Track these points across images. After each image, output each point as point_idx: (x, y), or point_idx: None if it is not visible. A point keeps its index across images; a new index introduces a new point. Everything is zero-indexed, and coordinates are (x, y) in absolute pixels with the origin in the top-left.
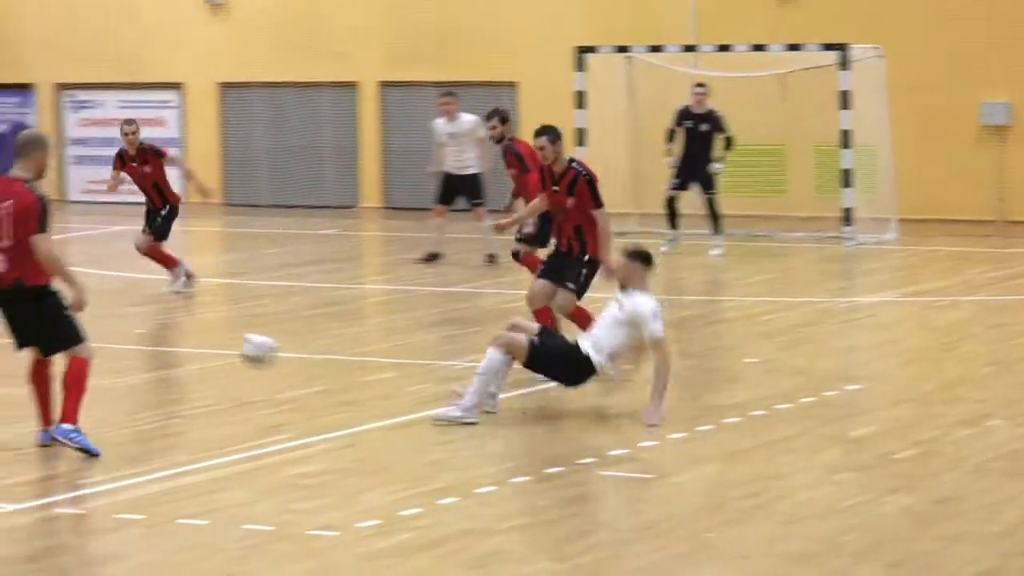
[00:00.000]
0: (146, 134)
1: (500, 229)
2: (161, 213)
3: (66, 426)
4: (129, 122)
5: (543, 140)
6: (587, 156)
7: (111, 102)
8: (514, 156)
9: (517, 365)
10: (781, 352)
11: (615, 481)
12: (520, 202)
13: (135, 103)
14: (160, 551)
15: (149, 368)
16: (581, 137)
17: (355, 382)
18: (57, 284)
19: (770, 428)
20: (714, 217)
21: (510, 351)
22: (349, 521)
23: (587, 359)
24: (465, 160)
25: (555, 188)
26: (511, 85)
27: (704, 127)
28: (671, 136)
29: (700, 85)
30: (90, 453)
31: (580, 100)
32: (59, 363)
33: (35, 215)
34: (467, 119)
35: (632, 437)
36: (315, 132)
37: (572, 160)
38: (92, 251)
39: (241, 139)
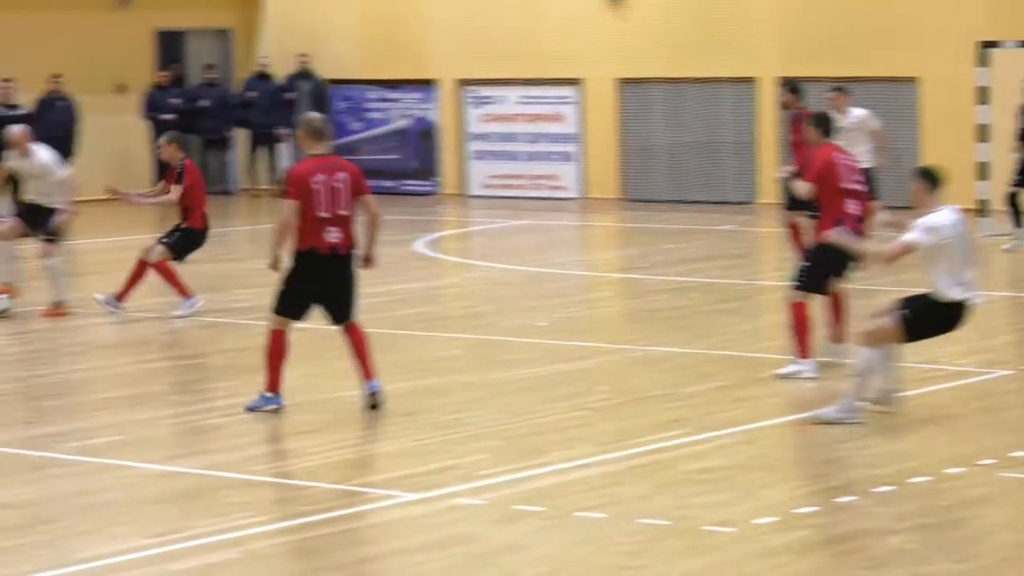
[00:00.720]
0: (545, 130)
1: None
2: (180, 228)
3: (379, 381)
4: (161, 136)
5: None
6: (989, 153)
7: (511, 98)
8: (802, 124)
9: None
10: None
11: (1017, 482)
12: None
13: (534, 99)
14: (557, 543)
15: (549, 361)
16: (983, 133)
17: (753, 378)
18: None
19: None
20: None
21: (880, 341)
22: (745, 517)
23: (953, 301)
24: (857, 154)
25: None
26: (911, 81)
27: None
28: (1022, 134)
29: None
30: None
31: (982, 96)
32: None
33: (363, 179)
34: (857, 113)
35: None
36: (713, 128)
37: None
38: (494, 245)
39: (639, 135)
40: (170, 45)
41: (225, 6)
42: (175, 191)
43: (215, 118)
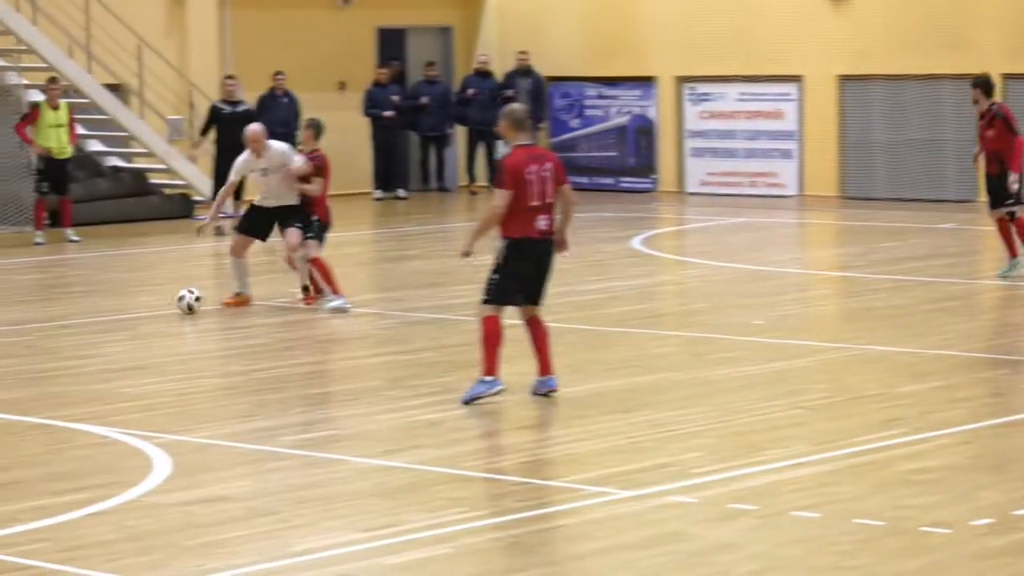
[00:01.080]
0: (764, 127)
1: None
2: (313, 219)
3: (556, 380)
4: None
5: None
6: None
7: (731, 95)
8: (1001, 120)
9: None
10: None
11: None
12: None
13: (754, 96)
14: (771, 542)
15: (766, 359)
16: None
17: (972, 378)
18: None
19: None
20: None
21: None
22: (963, 519)
23: None
24: None
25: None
26: None
27: None
28: None
29: None
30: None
31: None
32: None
33: (563, 169)
34: None
35: None
36: (935, 125)
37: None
38: (710, 242)
39: (859, 132)
40: (391, 43)
41: (446, 4)
42: (317, 184)
43: (435, 115)
